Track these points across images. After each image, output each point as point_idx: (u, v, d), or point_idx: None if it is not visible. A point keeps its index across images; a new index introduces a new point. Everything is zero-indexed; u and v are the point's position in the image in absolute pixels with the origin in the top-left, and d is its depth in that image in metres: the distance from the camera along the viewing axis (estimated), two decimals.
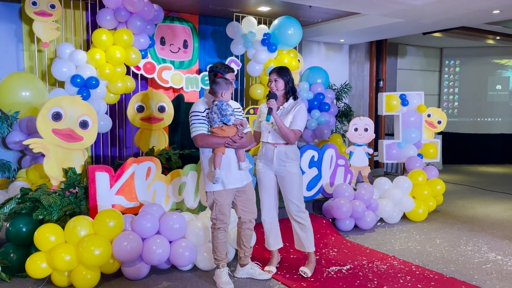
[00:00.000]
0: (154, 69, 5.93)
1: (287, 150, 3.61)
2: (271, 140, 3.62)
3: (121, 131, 6.04)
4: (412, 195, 5.50)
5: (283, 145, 3.61)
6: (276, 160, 3.61)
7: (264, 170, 3.69)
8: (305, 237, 3.72)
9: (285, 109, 3.65)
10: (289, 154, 3.62)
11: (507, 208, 6.07)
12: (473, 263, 4.04)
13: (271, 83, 3.64)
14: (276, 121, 3.52)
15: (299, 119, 3.58)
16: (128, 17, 5.08)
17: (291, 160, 3.62)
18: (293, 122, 3.58)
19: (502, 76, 10.59)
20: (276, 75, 3.63)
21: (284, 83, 3.64)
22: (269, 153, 3.64)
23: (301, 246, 3.78)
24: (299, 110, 3.60)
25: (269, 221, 3.78)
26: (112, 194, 3.94)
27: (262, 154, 3.69)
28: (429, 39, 9.16)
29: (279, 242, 3.87)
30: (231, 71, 3.47)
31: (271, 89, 3.63)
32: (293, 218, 3.71)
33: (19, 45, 5.37)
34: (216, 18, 6.68)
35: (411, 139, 6.33)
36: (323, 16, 6.79)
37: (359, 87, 8.71)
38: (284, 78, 3.63)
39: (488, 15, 5.96)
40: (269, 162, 3.64)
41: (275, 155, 3.61)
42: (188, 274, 3.75)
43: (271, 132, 3.62)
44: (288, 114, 3.60)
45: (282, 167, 3.62)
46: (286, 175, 3.62)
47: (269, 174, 3.69)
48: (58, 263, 3.29)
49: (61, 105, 3.99)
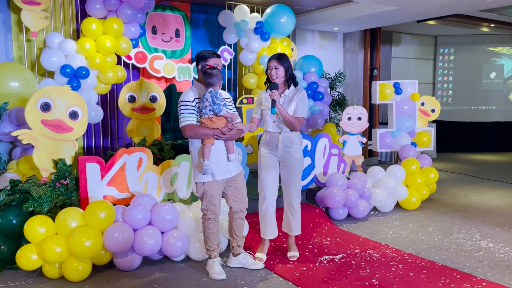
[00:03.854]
0: (145, 59, 5.86)
1: (291, 136, 3.65)
2: (276, 129, 3.64)
3: (113, 122, 5.99)
4: (406, 183, 5.50)
5: (287, 132, 3.63)
6: (281, 146, 3.63)
7: (268, 155, 3.69)
8: (294, 221, 3.81)
9: (287, 97, 3.64)
10: (294, 139, 3.66)
11: (501, 196, 6.10)
12: (465, 250, 4.05)
13: (271, 71, 3.60)
14: (280, 112, 3.52)
15: (302, 106, 3.61)
16: (118, 5, 5.00)
17: (296, 145, 3.66)
18: (297, 110, 3.61)
19: (496, 64, 10.57)
20: (276, 62, 3.60)
21: (284, 70, 3.61)
22: (273, 140, 3.65)
23: (288, 229, 3.85)
24: (301, 97, 3.62)
25: (271, 208, 3.75)
26: (103, 185, 3.90)
27: (266, 142, 3.71)
28: (423, 27, 9.11)
29: (276, 231, 3.87)
30: (216, 55, 3.44)
31: (271, 77, 3.60)
32: (291, 204, 3.76)
33: (8, 35, 5.27)
34: (208, 7, 6.60)
35: (404, 128, 6.32)
36: (316, 4, 6.72)
37: (353, 76, 8.67)
38: (284, 65, 3.61)
39: (482, 1, 5.92)
40: (274, 148, 3.66)
41: (280, 141, 3.63)
42: (181, 265, 3.74)
43: (275, 121, 3.63)
44: (291, 102, 3.61)
45: (287, 153, 3.64)
46: (290, 160, 3.65)
47: (273, 159, 3.70)
48: (49, 255, 3.26)
49: (50, 96, 3.94)
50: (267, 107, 3.63)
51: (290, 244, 3.89)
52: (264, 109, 3.67)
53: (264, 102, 3.68)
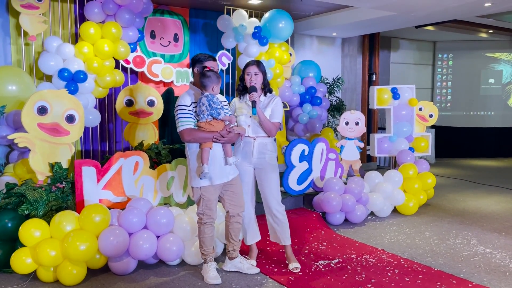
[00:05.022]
0: (144, 63, 5.88)
1: (267, 142, 3.62)
2: (251, 134, 3.59)
3: (110, 126, 5.99)
4: (403, 188, 5.50)
5: (263, 138, 3.60)
6: (256, 153, 3.59)
7: (243, 164, 3.64)
8: (280, 230, 3.71)
9: (262, 103, 3.63)
10: (269, 146, 3.63)
11: (498, 201, 6.09)
12: (461, 256, 4.04)
13: (251, 77, 3.58)
14: (259, 115, 3.51)
15: (278, 112, 3.62)
16: (117, 10, 5.02)
17: (270, 151, 3.63)
18: (273, 115, 3.60)
19: (495, 70, 10.60)
20: (256, 68, 3.60)
21: (262, 76, 3.61)
22: (248, 146, 3.61)
23: (277, 239, 3.77)
24: (277, 103, 3.63)
25: (247, 216, 3.73)
26: (99, 189, 3.90)
27: (240, 148, 3.64)
28: (422, 32, 9.14)
29: (256, 235, 3.85)
30: (212, 59, 3.44)
31: (250, 83, 3.57)
32: (272, 213, 3.68)
33: (6, 38, 5.29)
34: (207, 11, 6.63)
35: (402, 133, 6.33)
36: (314, 9, 6.75)
37: (352, 81, 8.68)
38: (263, 71, 3.62)
39: (480, 7, 5.93)
40: (248, 155, 3.61)
41: (255, 148, 3.59)
42: (176, 269, 3.73)
43: (250, 125, 3.59)
44: (266, 107, 3.60)
45: (261, 159, 3.60)
46: (266, 166, 3.61)
47: (247, 167, 3.65)
48: (43, 259, 3.25)
49: (47, 99, 3.94)
50: (242, 113, 3.60)
51: (289, 256, 3.77)
52: (238, 116, 3.63)
53: (238, 108, 3.65)
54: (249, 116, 3.58)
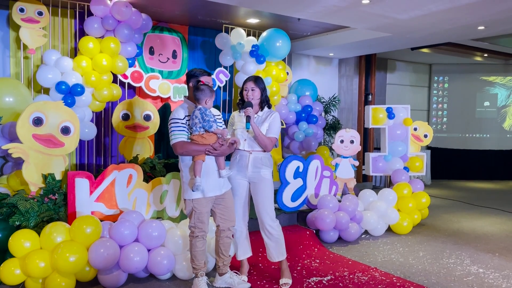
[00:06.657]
0: (141, 78, 5.93)
1: (262, 157, 3.63)
2: (247, 148, 3.62)
3: (106, 140, 6.01)
4: (397, 207, 5.49)
5: (259, 152, 3.62)
6: (251, 167, 3.60)
7: (237, 177, 3.66)
8: (274, 246, 3.68)
9: (260, 118, 3.67)
10: (264, 161, 3.63)
11: (493, 222, 6.08)
12: (454, 275, 4.01)
13: (247, 92, 3.64)
14: (253, 129, 3.53)
15: (274, 127, 3.63)
16: (116, 25, 5.09)
17: (265, 166, 3.64)
18: (269, 130, 3.62)
19: (490, 93, 10.71)
20: (253, 83, 3.65)
21: (260, 92, 3.66)
22: (244, 159, 3.62)
23: (270, 256, 3.73)
24: (274, 118, 3.65)
25: (239, 230, 3.72)
26: (91, 201, 3.89)
27: (236, 162, 3.67)
28: (418, 55, 9.27)
29: (247, 251, 3.83)
30: (206, 74, 3.48)
31: (247, 98, 3.63)
32: (266, 229, 3.65)
33: (6, 51, 5.35)
34: (205, 29, 6.73)
35: (397, 152, 6.35)
36: (312, 30, 6.86)
37: (348, 100, 8.76)
38: (260, 87, 3.66)
39: (474, 30, 6.04)
40: (244, 168, 3.62)
41: (251, 162, 3.60)
42: (167, 283, 3.69)
43: (247, 139, 3.62)
44: (263, 122, 3.63)
45: (256, 173, 3.61)
46: (261, 180, 3.61)
47: (242, 181, 3.66)
48: (32, 270, 3.23)
49: (43, 110, 3.97)
50: (239, 126, 3.64)
51: (283, 270, 3.74)
52: (235, 129, 3.67)
53: (236, 122, 3.70)
54: (246, 130, 3.61)
